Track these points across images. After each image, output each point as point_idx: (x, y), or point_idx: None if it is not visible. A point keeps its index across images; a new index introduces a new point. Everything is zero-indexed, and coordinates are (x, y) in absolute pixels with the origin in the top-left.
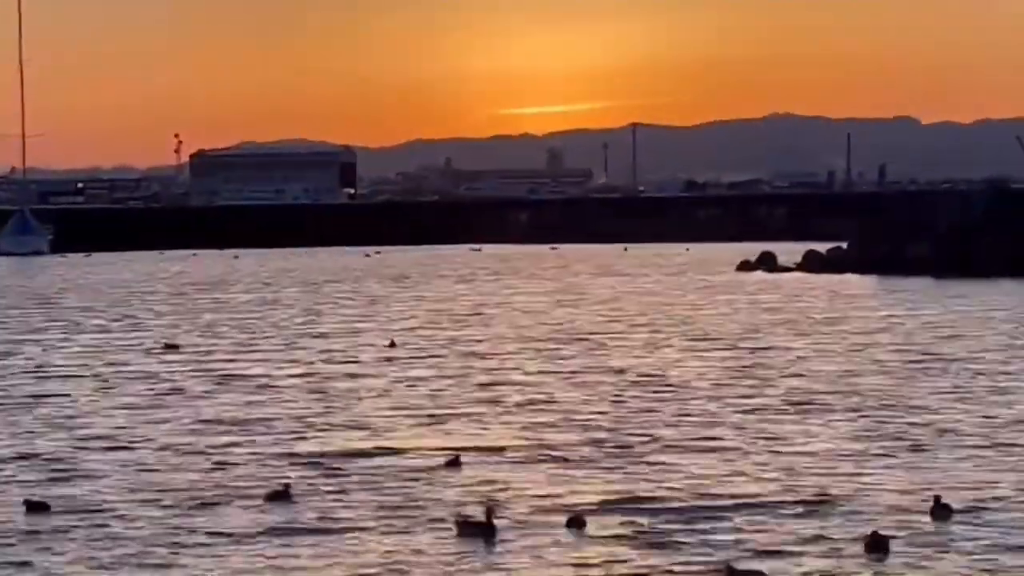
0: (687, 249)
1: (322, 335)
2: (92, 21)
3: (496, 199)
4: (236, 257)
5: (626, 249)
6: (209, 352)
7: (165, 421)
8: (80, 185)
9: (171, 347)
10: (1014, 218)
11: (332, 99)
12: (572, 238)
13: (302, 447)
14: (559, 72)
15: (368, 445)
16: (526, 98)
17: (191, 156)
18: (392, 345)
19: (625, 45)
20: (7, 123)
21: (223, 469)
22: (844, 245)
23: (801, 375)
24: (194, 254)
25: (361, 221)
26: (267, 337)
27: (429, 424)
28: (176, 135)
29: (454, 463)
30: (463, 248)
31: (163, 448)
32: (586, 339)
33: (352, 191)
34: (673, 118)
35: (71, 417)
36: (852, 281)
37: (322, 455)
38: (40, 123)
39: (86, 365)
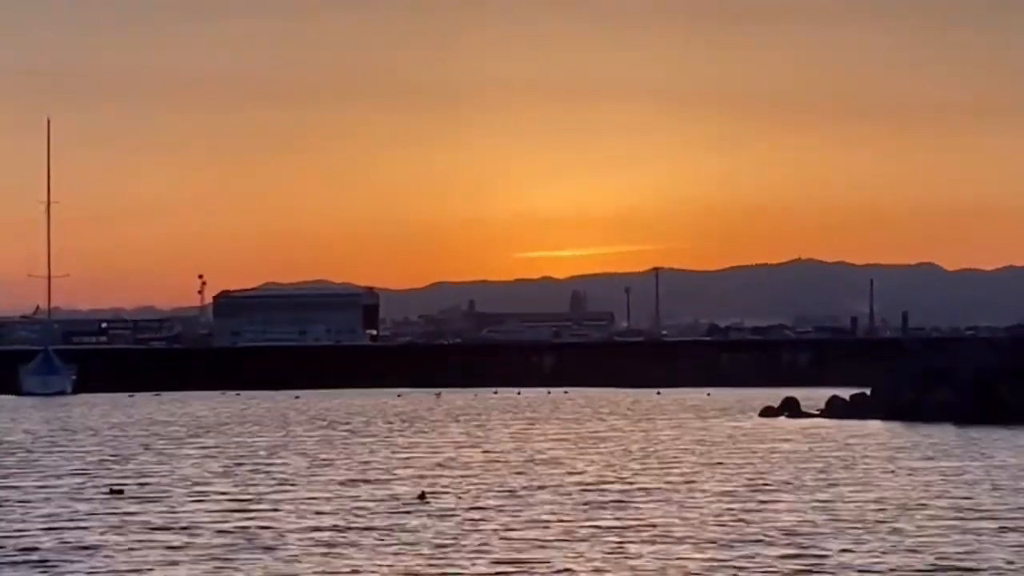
0: (708, 394)
1: (339, 483)
2: (118, 165)
3: (519, 342)
4: (297, 397)
5: (659, 393)
6: (239, 499)
7: None
8: (104, 325)
9: (116, 492)
10: None
11: (355, 241)
12: (595, 382)
13: None
14: (581, 216)
15: None
16: (549, 241)
17: (214, 297)
18: (423, 497)
19: (647, 189)
20: (33, 264)
21: None
22: (867, 391)
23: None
24: (237, 394)
25: (383, 363)
26: (281, 482)
27: None
28: (200, 276)
29: None
30: (487, 391)
31: None
32: (634, 490)
33: (375, 332)
34: (695, 262)
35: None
36: (876, 428)
37: None
38: (65, 264)
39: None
